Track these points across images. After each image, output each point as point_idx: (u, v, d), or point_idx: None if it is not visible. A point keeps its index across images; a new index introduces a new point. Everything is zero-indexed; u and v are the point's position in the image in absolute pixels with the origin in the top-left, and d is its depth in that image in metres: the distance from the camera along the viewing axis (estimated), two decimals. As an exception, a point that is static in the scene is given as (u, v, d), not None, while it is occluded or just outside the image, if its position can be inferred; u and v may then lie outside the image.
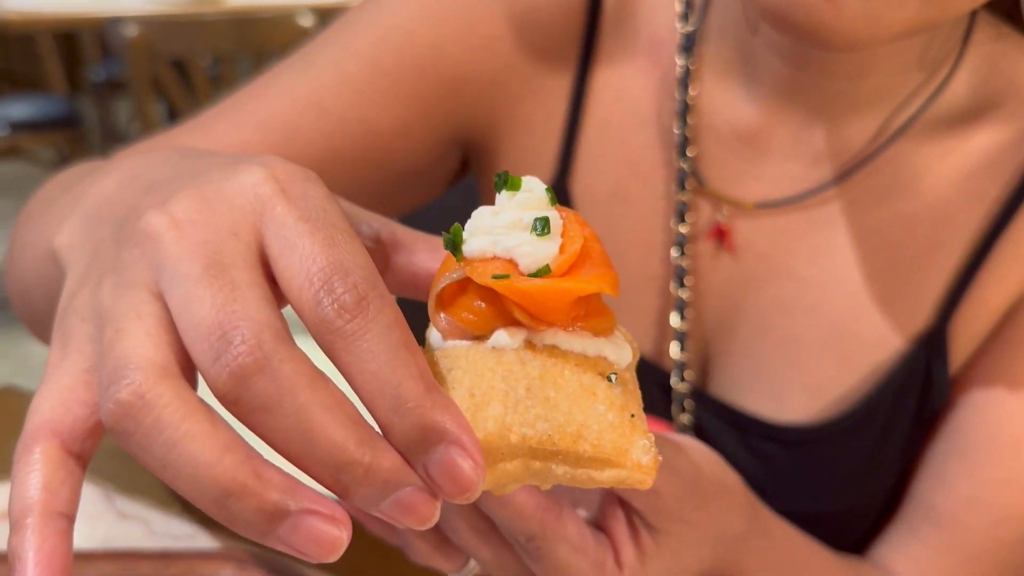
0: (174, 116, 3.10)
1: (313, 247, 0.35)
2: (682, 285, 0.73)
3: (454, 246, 0.39)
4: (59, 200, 0.61)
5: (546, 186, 0.40)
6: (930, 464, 0.72)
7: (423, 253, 0.46)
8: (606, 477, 0.37)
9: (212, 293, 0.34)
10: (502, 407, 0.37)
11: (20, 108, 3.79)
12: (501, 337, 0.38)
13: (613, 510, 0.51)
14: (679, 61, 0.72)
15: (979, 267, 0.69)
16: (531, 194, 0.39)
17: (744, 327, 0.73)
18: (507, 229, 0.38)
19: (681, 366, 0.73)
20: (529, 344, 0.38)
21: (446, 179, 0.83)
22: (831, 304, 0.71)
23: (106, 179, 0.50)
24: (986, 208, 0.69)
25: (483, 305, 0.39)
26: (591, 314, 0.39)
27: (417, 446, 0.33)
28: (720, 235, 0.73)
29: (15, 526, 0.35)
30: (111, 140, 4.28)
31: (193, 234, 0.36)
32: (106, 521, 0.73)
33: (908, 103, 0.69)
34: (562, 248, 0.38)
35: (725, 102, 0.72)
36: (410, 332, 0.34)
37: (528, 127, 0.77)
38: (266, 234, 0.36)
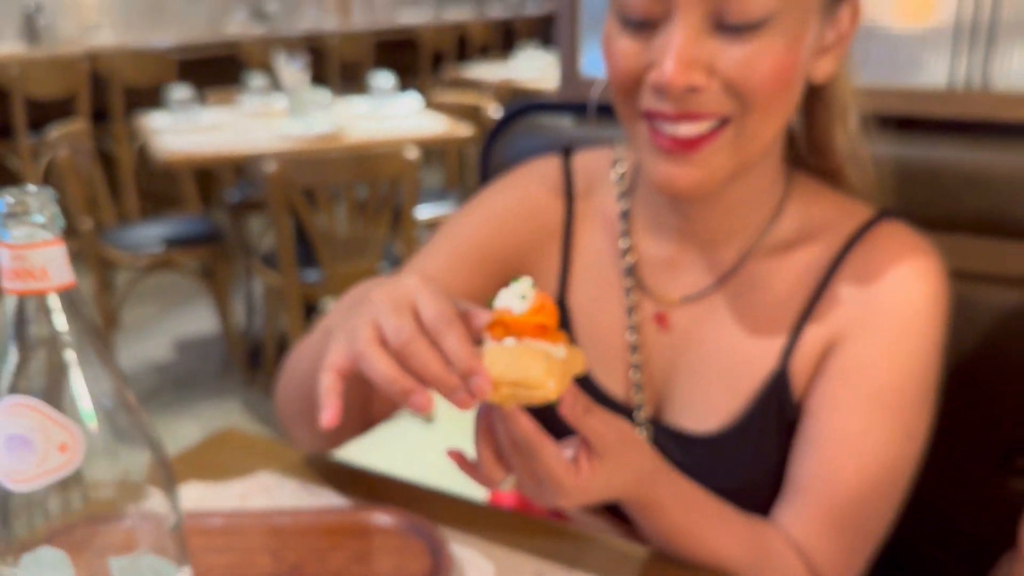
0: (301, 230, 3.50)
1: (430, 310, 0.82)
2: (635, 352, 1.19)
3: (490, 305, 0.86)
4: (310, 339, 1.14)
5: (530, 282, 0.84)
6: (794, 454, 1.11)
7: (483, 316, 0.82)
8: (537, 396, 0.76)
9: (393, 316, 0.81)
10: (503, 364, 0.81)
11: (171, 227, 4.28)
12: (508, 341, 0.83)
13: (580, 443, 0.91)
14: (619, 225, 1.20)
15: (802, 329, 1.10)
16: (522, 285, 0.84)
17: (678, 376, 1.17)
18: (510, 297, 0.84)
19: (639, 405, 1.17)
20: (516, 343, 0.82)
21: None
22: (727, 354, 1.13)
23: (340, 309, 1.07)
24: (805, 295, 1.11)
25: (501, 328, 0.84)
26: (544, 335, 0.83)
27: (466, 375, 0.79)
28: (660, 320, 1.17)
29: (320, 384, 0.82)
30: (245, 251, 4.79)
31: (386, 300, 0.84)
32: (286, 492, 1.21)
33: (757, 234, 1.13)
34: (531, 306, 0.83)
35: (651, 243, 1.18)
36: (467, 340, 0.80)
37: (539, 271, 1.24)
38: (416, 304, 0.83)
